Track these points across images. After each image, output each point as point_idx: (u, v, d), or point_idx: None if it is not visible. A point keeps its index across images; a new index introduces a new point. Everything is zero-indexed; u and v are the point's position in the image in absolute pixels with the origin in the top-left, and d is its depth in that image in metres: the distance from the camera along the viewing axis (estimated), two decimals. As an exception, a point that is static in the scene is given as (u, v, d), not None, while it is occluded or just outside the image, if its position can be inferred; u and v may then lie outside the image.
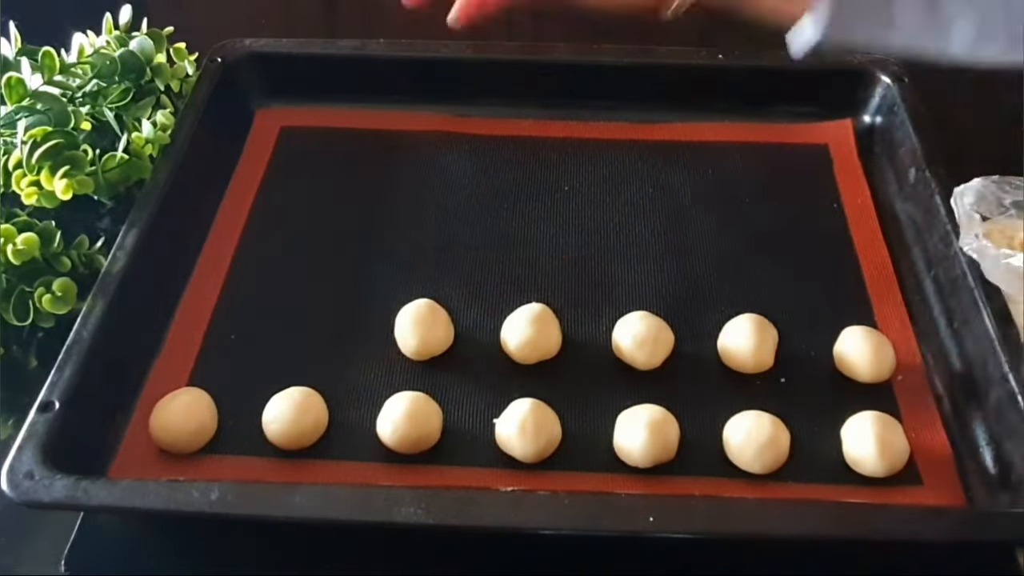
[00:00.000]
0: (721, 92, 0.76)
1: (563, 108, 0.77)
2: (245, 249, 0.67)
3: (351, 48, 0.78)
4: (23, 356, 0.63)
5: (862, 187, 0.71)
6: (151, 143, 0.69)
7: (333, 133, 0.76)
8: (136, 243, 0.62)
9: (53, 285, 0.62)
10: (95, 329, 0.57)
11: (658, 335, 0.59)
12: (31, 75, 0.69)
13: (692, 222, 0.69)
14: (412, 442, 0.54)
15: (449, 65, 0.77)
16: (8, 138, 0.67)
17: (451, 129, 0.76)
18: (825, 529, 0.49)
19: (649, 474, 0.54)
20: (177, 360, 0.60)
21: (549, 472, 0.54)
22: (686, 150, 0.74)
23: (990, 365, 0.56)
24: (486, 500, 0.50)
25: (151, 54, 0.74)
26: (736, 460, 0.54)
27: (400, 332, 0.60)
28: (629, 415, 0.55)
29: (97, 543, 0.54)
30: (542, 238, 0.68)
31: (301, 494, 0.49)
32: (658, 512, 0.48)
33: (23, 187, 0.65)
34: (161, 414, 0.55)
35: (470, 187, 0.72)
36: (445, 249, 0.67)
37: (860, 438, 0.54)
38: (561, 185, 0.72)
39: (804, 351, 0.60)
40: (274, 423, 0.55)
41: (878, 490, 0.54)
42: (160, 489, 0.50)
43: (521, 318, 0.60)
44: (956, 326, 0.60)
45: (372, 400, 0.57)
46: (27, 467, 0.50)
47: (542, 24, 0.98)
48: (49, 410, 0.53)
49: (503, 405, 0.56)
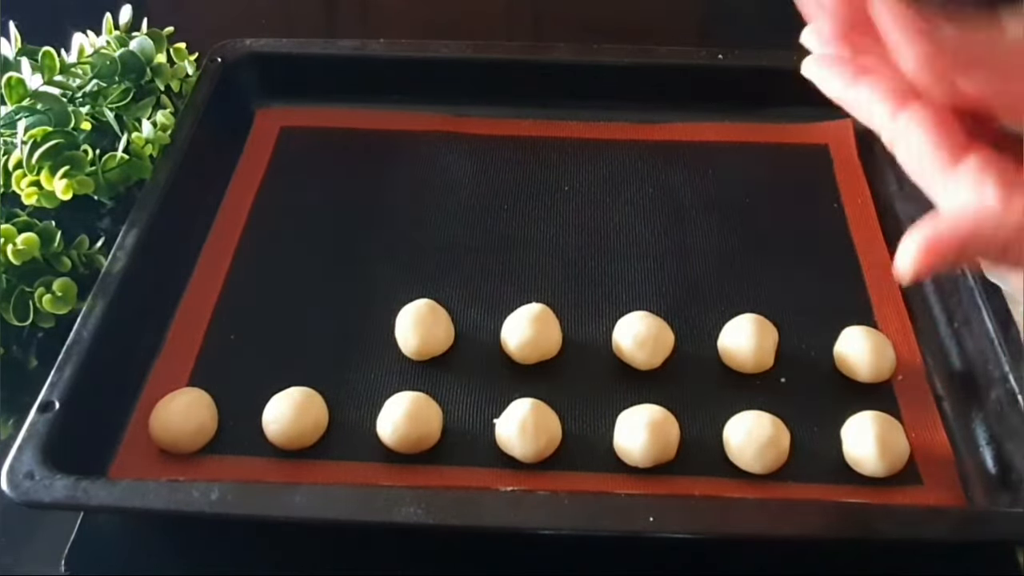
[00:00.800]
0: (721, 92, 0.76)
1: (563, 108, 0.77)
2: (245, 249, 0.67)
3: (351, 48, 0.78)
4: (23, 356, 0.63)
5: (862, 187, 0.71)
6: (151, 143, 0.69)
7: (333, 133, 0.76)
8: (136, 243, 0.62)
9: (53, 285, 0.62)
10: (95, 329, 0.57)
11: (658, 335, 0.59)
12: (31, 75, 0.69)
13: (692, 222, 0.69)
14: (412, 442, 0.54)
15: (449, 65, 0.77)
16: (8, 138, 0.67)
17: (451, 129, 0.76)
18: (825, 529, 0.49)
19: (649, 474, 0.54)
20: (177, 360, 0.60)
21: (549, 472, 0.54)
22: (686, 150, 0.74)
23: (990, 365, 0.56)
24: (486, 500, 0.50)
25: (151, 54, 0.74)
26: (736, 460, 0.54)
27: (400, 332, 0.60)
28: (629, 415, 0.55)
29: (97, 543, 0.54)
30: (542, 238, 0.68)
31: (301, 494, 0.49)
32: (658, 512, 0.48)
33: (23, 187, 0.65)
34: (161, 414, 0.55)
35: (470, 187, 0.72)
36: (445, 249, 0.67)
37: (860, 438, 0.54)
38: (561, 185, 0.72)
39: (804, 351, 0.60)
40: (274, 423, 0.55)
41: (878, 490, 0.54)
42: (160, 489, 0.50)
43: (521, 318, 0.60)
44: (956, 326, 0.60)
45: (372, 400, 0.57)
46: (27, 467, 0.50)
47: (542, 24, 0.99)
48: (49, 410, 0.53)
49: (503, 405, 0.56)
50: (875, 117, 0.37)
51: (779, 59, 0.75)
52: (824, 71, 0.40)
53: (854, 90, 0.38)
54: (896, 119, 0.36)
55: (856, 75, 0.38)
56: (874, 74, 0.38)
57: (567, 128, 0.76)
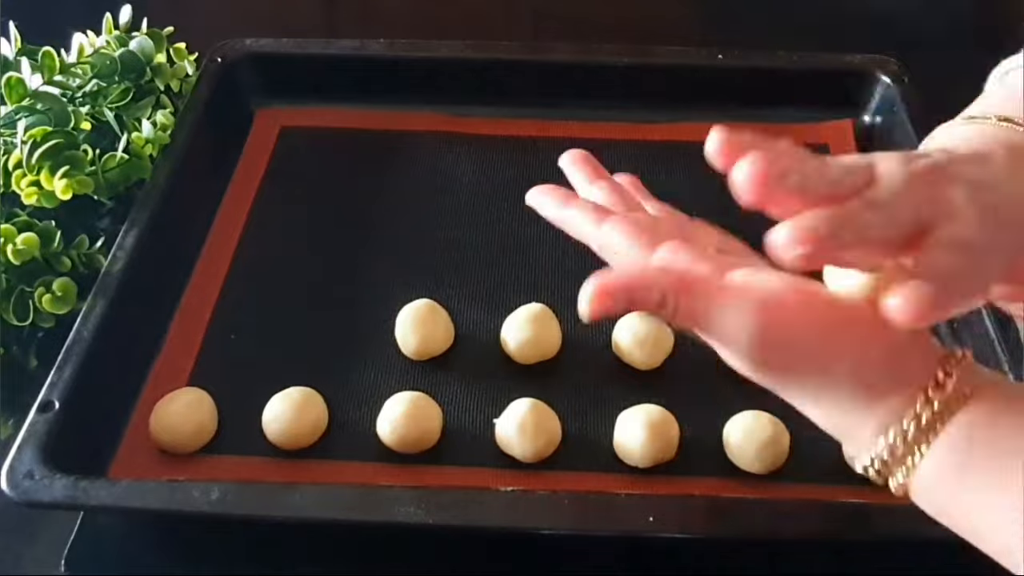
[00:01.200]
0: (721, 92, 0.76)
1: (563, 108, 0.77)
2: (245, 249, 0.67)
3: (351, 48, 0.78)
4: (23, 356, 0.63)
5: (862, 187, 0.71)
6: (151, 143, 0.69)
7: (333, 133, 0.76)
8: (136, 243, 0.62)
9: (53, 285, 0.62)
10: (95, 329, 0.57)
11: (658, 335, 0.59)
12: (31, 75, 0.69)
13: (692, 222, 0.69)
14: (412, 442, 0.55)
15: (449, 65, 0.77)
16: (8, 138, 0.67)
17: (451, 129, 0.76)
18: (825, 529, 0.49)
19: (649, 474, 0.54)
20: (177, 360, 0.60)
21: (549, 472, 0.54)
22: (686, 150, 0.74)
23: (990, 365, 0.56)
24: (486, 500, 0.50)
25: (151, 54, 0.74)
26: (736, 460, 0.54)
27: (400, 332, 0.60)
28: (629, 415, 0.55)
29: (97, 543, 0.54)
30: (542, 238, 0.68)
31: (301, 494, 0.49)
32: (658, 512, 0.48)
33: (23, 187, 0.65)
34: (161, 414, 0.55)
35: (470, 187, 0.72)
36: (445, 249, 0.67)
37: (860, 438, 0.54)
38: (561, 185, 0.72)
39: (804, 351, 0.60)
40: (274, 423, 0.55)
41: (878, 490, 0.53)
42: (160, 489, 0.50)
43: (521, 318, 0.60)
44: (956, 326, 0.60)
45: (372, 400, 0.57)
46: (27, 467, 0.50)
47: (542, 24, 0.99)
48: (49, 410, 0.53)
49: (503, 405, 0.56)
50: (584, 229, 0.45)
51: (779, 59, 0.76)
52: (542, 198, 0.49)
53: (566, 210, 0.47)
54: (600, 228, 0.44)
55: (567, 199, 0.48)
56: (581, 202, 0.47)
57: (567, 128, 0.76)
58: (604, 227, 0.44)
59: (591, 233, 0.45)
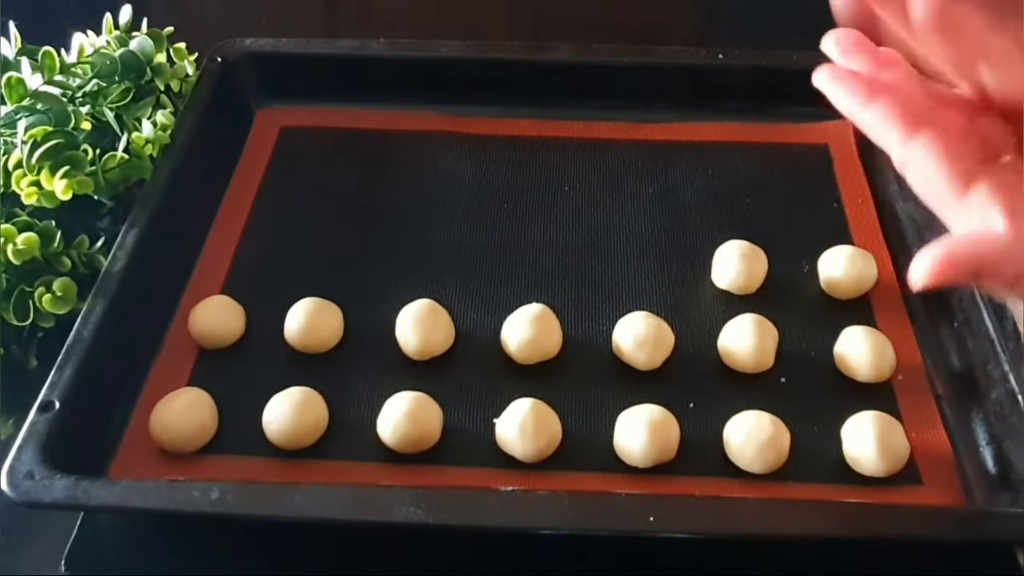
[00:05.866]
0: (721, 92, 0.76)
1: (563, 108, 0.77)
2: (245, 249, 0.67)
3: (351, 48, 0.78)
4: (23, 356, 0.63)
5: (862, 187, 0.71)
6: (151, 143, 0.69)
7: (333, 133, 0.76)
8: (136, 243, 0.62)
9: (53, 285, 0.62)
10: (95, 329, 0.57)
11: (658, 335, 0.59)
12: (31, 75, 0.69)
13: (692, 222, 0.69)
14: (412, 442, 0.54)
15: (449, 65, 0.77)
16: (8, 138, 0.67)
17: (451, 129, 0.76)
18: (825, 529, 0.49)
19: (649, 474, 0.54)
20: (177, 360, 0.60)
21: (549, 472, 0.54)
22: (686, 150, 0.74)
23: (990, 365, 0.56)
24: (486, 500, 0.50)
25: (151, 54, 0.74)
26: (736, 460, 0.54)
27: (401, 332, 0.60)
28: (629, 415, 0.55)
29: (97, 543, 0.54)
30: (542, 238, 0.68)
31: (301, 494, 0.49)
32: (658, 512, 0.48)
33: (23, 187, 0.65)
34: (161, 414, 0.55)
35: (470, 187, 0.72)
36: (445, 249, 0.67)
37: (860, 438, 0.54)
38: (561, 185, 0.72)
39: (804, 351, 0.60)
40: (274, 423, 0.55)
41: (878, 490, 0.54)
42: (160, 489, 0.50)
43: (521, 318, 0.60)
44: (956, 326, 0.60)
45: (372, 400, 0.57)
46: (27, 467, 0.50)
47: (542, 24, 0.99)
48: (49, 410, 0.53)
49: (503, 405, 0.56)
50: (886, 139, 0.37)
51: (779, 59, 0.76)
52: (837, 88, 0.39)
53: (867, 111, 0.38)
54: (907, 145, 0.36)
55: (870, 95, 0.38)
56: (888, 95, 0.37)
57: (567, 128, 0.76)
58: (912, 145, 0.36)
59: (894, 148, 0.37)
